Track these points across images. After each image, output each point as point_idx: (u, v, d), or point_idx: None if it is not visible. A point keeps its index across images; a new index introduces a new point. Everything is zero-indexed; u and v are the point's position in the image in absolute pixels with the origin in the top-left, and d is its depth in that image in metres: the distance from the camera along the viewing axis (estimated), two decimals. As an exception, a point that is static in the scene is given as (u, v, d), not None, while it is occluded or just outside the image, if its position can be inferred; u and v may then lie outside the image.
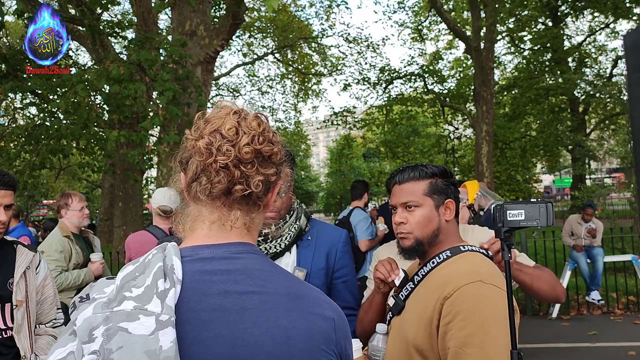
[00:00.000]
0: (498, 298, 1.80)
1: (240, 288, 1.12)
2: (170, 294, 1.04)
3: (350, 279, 2.51)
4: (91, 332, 0.98)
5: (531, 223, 1.83)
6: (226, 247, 1.18)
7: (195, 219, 1.21)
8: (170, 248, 1.14)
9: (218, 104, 1.25)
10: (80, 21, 9.17)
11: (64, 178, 20.25)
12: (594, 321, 8.59)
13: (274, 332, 1.09)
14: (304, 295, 1.18)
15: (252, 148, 1.16)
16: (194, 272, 1.12)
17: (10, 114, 17.80)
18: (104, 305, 1.02)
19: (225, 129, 1.16)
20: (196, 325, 1.07)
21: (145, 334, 0.98)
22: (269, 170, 1.19)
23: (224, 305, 1.09)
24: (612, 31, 23.08)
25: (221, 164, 1.14)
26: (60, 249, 4.55)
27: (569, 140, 20.75)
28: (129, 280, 1.06)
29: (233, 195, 1.17)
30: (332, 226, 2.72)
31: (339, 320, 1.19)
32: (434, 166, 2.10)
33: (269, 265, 1.21)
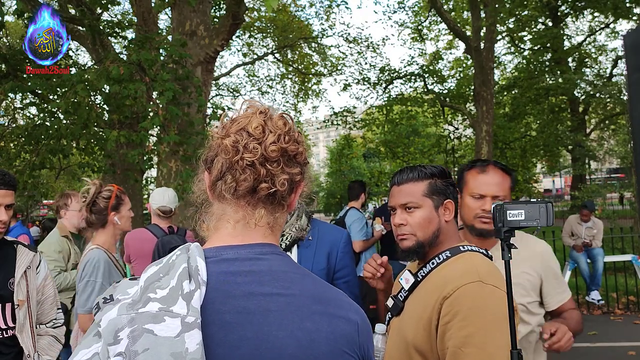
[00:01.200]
0: (498, 298, 1.80)
1: (264, 290, 1.12)
2: (195, 296, 1.04)
3: (352, 279, 2.50)
4: (116, 334, 0.98)
5: (531, 223, 1.83)
6: (250, 247, 1.18)
7: (219, 218, 1.22)
8: (194, 249, 1.13)
9: (244, 104, 1.25)
10: (80, 21, 9.16)
11: (64, 178, 20.24)
12: (594, 321, 8.60)
13: (298, 334, 1.09)
14: (328, 297, 1.18)
15: (279, 146, 1.16)
16: (218, 273, 1.12)
17: (10, 114, 17.79)
18: (129, 307, 1.02)
19: (252, 127, 1.17)
20: (221, 327, 1.07)
21: (171, 336, 0.98)
22: (294, 169, 1.20)
23: (249, 307, 1.09)
24: (612, 31, 23.07)
25: (248, 162, 1.15)
26: (59, 249, 4.56)
27: (569, 140, 20.73)
28: (153, 282, 1.06)
29: (258, 194, 1.17)
30: (333, 226, 2.71)
31: (362, 323, 1.20)
32: (432, 167, 2.11)
33: (293, 266, 1.21)
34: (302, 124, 27.50)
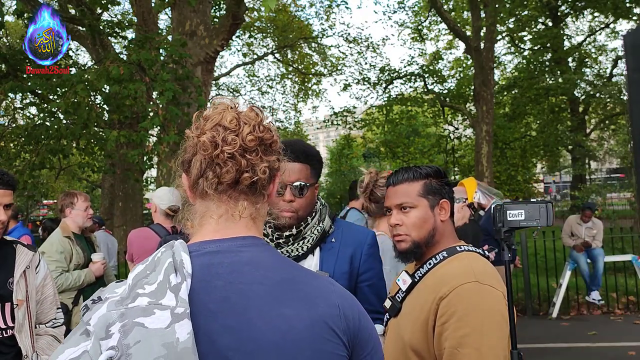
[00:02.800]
0: (494, 299, 1.80)
1: (245, 279, 1.14)
2: (182, 288, 1.07)
3: (377, 281, 2.42)
4: (108, 329, 1.01)
5: (531, 223, 1.83)
6: (232, 241, 1.20)
7: (203, 215, 1.24)
8: (178, 245, 1.16)
9: (215, 102, 1.28)
10: (80, 21, 9.17)
11: (64, 178, 20.23)
12: (594, 321, 8.61)
13: (277, 321, 1.11)
14: (309, 284, 1.19)
15: (255, 136, 1.19)
16: (201, 265, 1.14)
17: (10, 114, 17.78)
18: (118, 303, 1.04)
19: (227, 121, 1.19)
20: (206, 317, 1.09)
21: (161, 327, 1.00)
22: (272, 157, 1.23)
23: (230, 296, 1.12)
24: (612, 31, 23.04)
25: (228, 154, 1.17)
26: (61, 250, 4.53)
27: (569, 140, 20.73)
28: (141, 279, 1.09)
29: (240, 185, 1.19)
30: (359, 227, 2.64)
31: (346, 307, 1.20)
32: (427, 167, 2.11)
33: (275, 256, 1.23)
34: (302, 124, 27.49)
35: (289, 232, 2.35)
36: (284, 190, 2.30)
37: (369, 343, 1.23)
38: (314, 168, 2.38)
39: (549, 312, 9.09)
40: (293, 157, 2.32)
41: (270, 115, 24.53)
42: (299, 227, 2.35)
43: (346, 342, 1.17)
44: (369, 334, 1.23)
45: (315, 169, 2.38)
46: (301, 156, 2.32)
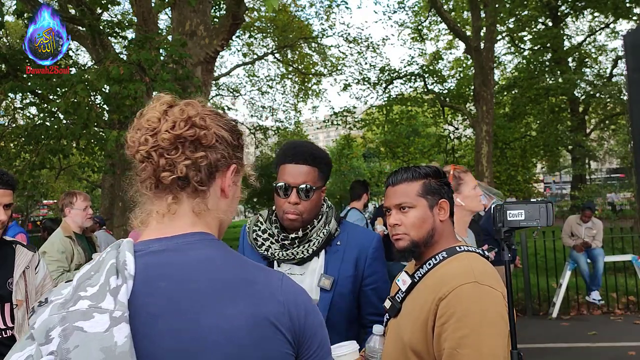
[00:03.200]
0: (493, 299, 1.80)
1: (189, 278, 1.13)
2: (122, 290, 1.06)
3: (381, 285, 2.41)
4: (48, 333, 1.00)
5: (531, 223, 1.83)
6: (178, 238, 1.19)
7: (146, 213, 1.23)
8: (125, 244, 1.16)
9: (154, 97, 1.27)
10: (80, 21, 9.16)
11: (63, 178, 20.23)
12: (594, 321, 8.61)
13: (219, 321, 1.10)
14: (255, 281, 1.17)
15: (172, 134, 1.17)
16: (145, 266, 1.13)
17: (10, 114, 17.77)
18: (60, 306, 1.04)
19: (145, 119, 1.20)
20: (147, 319, 1.08)
21: (100, 331, 1.00)
22: (198, 154, 1.19)
23: (174, 297, 1.11)
24: (612, 31, 23.06)
25: (143, 154, 1.17)
26: (62, 250, 4.53)
27: (569, 140, 20.74)
28: (84, 280, 1.09)
29: (166, 183, 1.18)
30: (364, 230, 2.63)
31: (291, 305, 1.18)
32: (426, 167, 2.11)
33: (222, 252, 1.21)
34: (302, 124, 27.49)
35: (294, 235, 2.34)
36: (290, 192, 2.30)
37: (316, 340, 1.21)
38: (322, 171, 2.36)
39: (549, 312, 9.10)
40: (301, 159, 2.32)
41: (271, 115, 24.60)
42: (305, 229, 2.35)
43: (291, 340, 1.16)
44: (316, 330, 1.22)
45: (322, 172, 2.37)
46: (309, 159, 2.31)
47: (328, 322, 2.23)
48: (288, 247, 2.35)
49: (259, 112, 25.23)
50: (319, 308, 2.25)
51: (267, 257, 2.37)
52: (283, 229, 2.39)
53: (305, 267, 2.34)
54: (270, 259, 2.37)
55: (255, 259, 2.40)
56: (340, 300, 2.30)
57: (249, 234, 2.46)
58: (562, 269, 9.47)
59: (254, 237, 2.43)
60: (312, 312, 1.23)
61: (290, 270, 2.35)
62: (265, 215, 2.49)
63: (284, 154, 2.37)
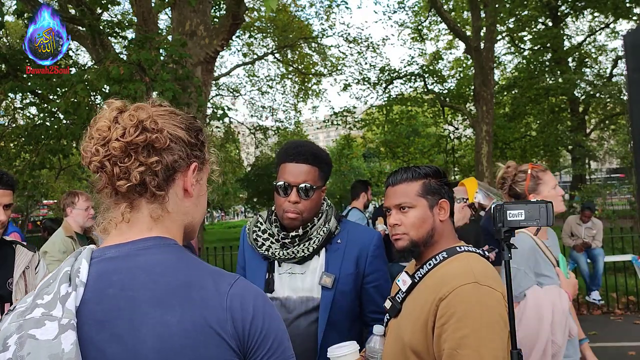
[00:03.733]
0: (493, 300, 1.79)
1: (135, 285, 1.13)
2: (70, 298, 1.08)
3: (382, 283, 2.42)
4: (5, 341, 1.02)
5: (531, 223, 1.83)
6: (132, 244, 1.19)
7: (107, 220, 1.23)
8: (84, 252, 1.17)
9: (106, 103, 1.26)
10: (80, 21, 9.15)
11: (63, 178, 20.21)
12: (594, 321, 8.60)
13: (158, 329, 1.09)
14: (201, 286, 1.15)
15: (122, 143, 1.16)
16: (97, 273, 1.14)
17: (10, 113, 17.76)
18: (19, 315, 1.06)
19: (95, 129, 1.19)
20: (94, 326, 1.09)
21: (49, 339, 1.02)
22: (152, 159, 1.18)
23: (119, 304, 1.11)
24: (612, 31, 23.03)
25: (96, 165, 1.17)
26: (64, 250, 4.53)
27: (569, 140, 20.71)
28: (43, 288, 1.11)
29: (123, 191, 1.18)
30: (365, 228, 2.63)
31: (236, 310, 1.15)
32: (427, 167, 2.10)
33: (173, 257, 1.20)
34: (302, 124, 27.48)
35: (295, 233, 2.35)
36: (290, 191, 2.30)
37: (265, 345, 1.17)
38: (322, 171, 2.37)
39: (549, 312, 9.09)
40: (301, 158, 2.32)
41: (271, 115, 24.60)
42: (305, 227, 2.35)
43: (235, 347, 1.14)
44: (265, 335, 1.17)
45: (323, 172, 2.38)
46: (309, 158, 2.32)
47: (330, 321, 2.26)
48: (288, 245, 2.35)
49: (259, 112, 25.23)
50: (321, 306, 2.27)
51: (268, 257, 2.38)
52: (283, 228, 2.39)
53: (306, 266, 2.35)
54: (271, 259, 2.38)
55: (256, 259, 2.41)
56: (341, 298, 2.31)
57: (249, 234, 2.47)
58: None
59: (254, 238, 2.43)
60: (261, 316, 1.18)
61: (291, 269, 2.35)
62: (265, 216, 2.50)
63: (285, 153, 2.38)
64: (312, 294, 2.31)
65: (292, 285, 2.32)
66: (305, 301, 2.29)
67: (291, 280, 2.34)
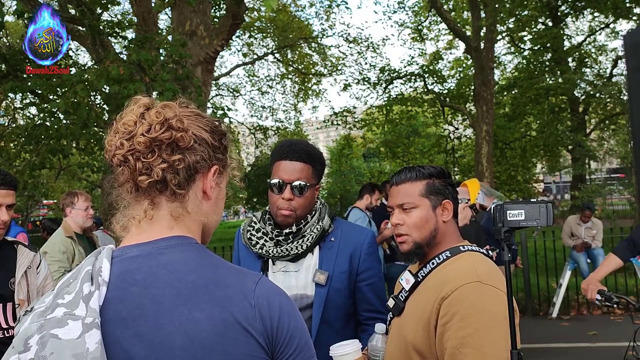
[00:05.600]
0: (496, 299, 1.79)
1: (159, 283, 1.13)
2: (94, 297, 1.08)
3: (376, 281, 2.44)
4: (26, 342, 1.02)
5: (531, 223, 1.82)
6: (154, 243, 1.19)
7: (127, 217, 1.23)
8: (105, 251, 1.17)
9: (131, 100, 1.26)
10: (80, 21, 9.16)
11: (63, 178, 20.22)
12: (594, 321, 8.60)
13: (186, 326, 1.10)
14: (228, 285, 1.16)
15: (147, 138, 1.16)
16: (120, 272, 1.14)
17: (10, 113, 17.78)
18: (40, 315, 1.06)
19: (121, 123, 1.19)
20: (118, 325, 1.09)
21: (73, 338, 1.01)
22: (174, 156, 1.18)
23: (143, 303, 1.11)
24: (612, 31, 23.02)
25: (120, 158, 1.17)
26: (63, 250, 4.53)
27: (569, 140, 20.70)
28: (63, 288, 1.11)
29: (144, 187, 1.18)
30: (358, 227, 2.65)
31: (263, 308, 1.16)
32: (431, 167, 2.09)
33: (197, 255, 1.20)
34: (302, 124, 27.48)
35: (288, 230, 2.36)
36: (284, 188, 2.32)
37: (292, 343, 1.19)
38: (316, 169, 2.39)
39: (549, 312, 9.10)
40: (295, 156, 2.34)
41: (271, 115, 24.60)
42: (299, 224, 2.36)
43: (263, 344, 1.14)
44: (292, 334, 1.19)
45: (317, 170, 2.40)
46: (303, 156, 2.34)
47: (324, 318, 2.27)
48: (282, 243, 2.37)
49: (259, 112, 25.28)
50: (315, 304, 2.28)
51: (262, 256, 2.40)
52: (277, 226, 2.41)
53: (300, 264, 2.37)
54: (265, 257, 2.40)
55: (250, 258, 2.43)
56: (335, 295, 2.32)
57: (243, 234, 2.49)
58: (562, 269, 9.47)
59: (248, 237, 2.46)
60: (287, 315, 1.20)
61: (285, 267, 2.37)
62: (259, 216, 2.52)
63: (279, 151, 2.40)
64: (306, 292, 2.33)
65: (286, 283, 2.33)
66: (299, 299, 2.30)
67: (285, 278, 2.36)
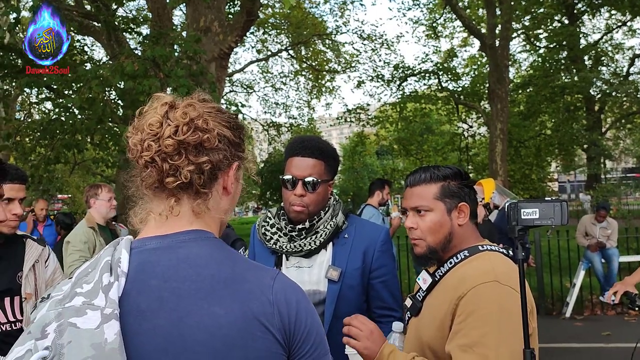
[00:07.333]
0: (513, 299, 1.75)
1: (178, 277, 1.13)
2: (113, 287, 1.08)
3: (390, 278, 2.42)
4: (44, 329, 1.02)
5: (545, 222, 1.79)
6: (173, 236, 1.19)
7: (146, 211, 1.24)
8: (124, 242, 1.17)
9: (154, 97, 1.26)
10: (96, 17, 9.21)
11: (78, 173, 20.37)
12: (608, 322, 8.53)
13: (206, 320, 1.10)
14: (245, 280, 1.16)
15: (175, 140, 1.16)
16: (138, 263, 1.14)
17: (26, 108, 17.93)
18: (58, 303, 1.06)
19: (148, 123, 1.18)
20: (137, 317, 1.09)
21: (91, 328, 1.02)
22: (201, 158, 1.18)
23: (163, 295, 1.11)
24: (629, 29, 22.81)
25: (147, 159, 1.17)
26: (85, 240, 4.64)
27: (584, 139, 20.58)
28: (82, 277, 1.11)
29: (169, 187, 1.18)
30: (372, 224, 2.63)
31: (281, 304, 1.16)
32: (447, 167, 2.03)
33: (216, 250, 1.20)
34: (315, 120, 27.48)
35: (301, 226, 2.36)
36: (296, 184, 2.32)
37: (309, 340, 1.18)
38: (329, 165, 2.38)
39: (563, 311, 9.03)
40: (307, 152, 2.34)
41: (284, 111, 24.62)
42: (312, 220, 2.36)
43: (281, 340, 1.14)
44: (309, 330, 1.19)
45: (329, 166, 2.39)
46: (316, 152, 2.34)
47: (336, 314, 2.26)
48: (295, 238, 2.37)
49: (273, 108, 25.28)
50: (327, 300, 2.28)
51: (276, 251, 2.40)
52: (290, 222, 2.41)
53: (314, 260, 2.36)
54: (279, 252, 2.40)
55: (265, 253, 2.44)
56: (348, 292, 2.31)
57: (259, 230, 2.50)
58: (576, 268, 9.39)
59: (263, 232, 2.47)
60: (304, 311, 1.20)
61: (298, 262, 2.38)
62: (274, 212, 2.53)
63: (292, 148, 2.41)
64: (319, 287, 2.32)
65: (300, 278, 2.33)
66: (312, 294, 2.30)
67: (298, 273, 2.35)
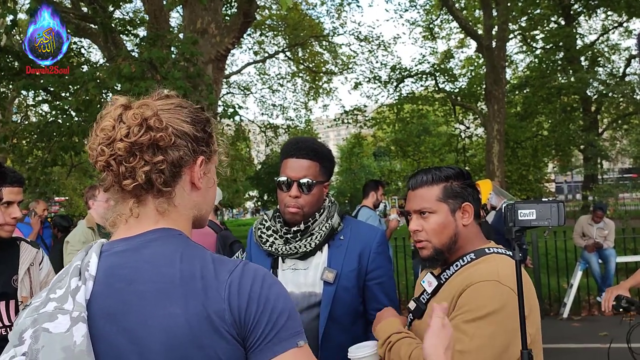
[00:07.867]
0: (510, 300, 1.74)
1: (142, 278, 1.14)
2: (81, 291, 1.10)
3: (386, 280, 2.41)
4: (21, 335, 1.06)
5: (542, 223, 1.80)
6: (139, 237, 1.20)
7: (115, 214, 1.25)
8: (95, 246, 1.19)
9: (112, 99, 1.25)
10: (92, 19, 9.20)
11: (75, 175, 20.33)
12: (605, 322, 8.54)
13: (164, 321, 1.10)
14: (203, 277, 1.15)
15: (126, 143, 1.15)
16: (108, 267, 1.16)
17: (23, 111, 17.90)
18: (34, 309, 1.10)
19: (100, 127, 1.19)
20: (103, 319, 1.11)
21: (62, 332, 1.05)
22: (157, 157, 1.17)
23: (127, 298, 1.12)
24: (625, 30, 22.85)
25: (102, 164, 1.17)
26: (83, 240, 4.67)
27: (581, 140, 20.59)
28: (56, 283, 1.14)
29: (127, 189, 1.18)
30: (368, 225, 2.63)
31: (232, 297, 1.13)
32: (448, 168, 2.03)
33: (178, 248, 1.19)
34: (312, 122, 27.48)
35: (296, 228, 2.36)
36: (291, 186, 2.32)
37: (262, 321, 1.13)
38: (324, 166, 2.38)
39: (560, 312, 9.04)
40: (302, 154, 2.34)
41: (282, 113, 24.62)
42: (307, 222, 2.36)
43: (236, 335, 1.13)
44: (261, 312, 1.14)
45: (325, 167, 2.39)
46: (310, 153, 2.34)
47: (332, 316, 2.26)
48: (291, 241, 2.37)
49: (270, 110, 25.28)
50: (323, 302, 2.28)
51: (272, 253, 2.41)
52: (286, 224, 2.41)
53: (309, 262, 2.36)
54: (275, 255, 2.40)
55: (261, 256, 2.45)
56: (344, 293, 2.31)
57: (255, 232, 2.50)
58: (573, 269, 9.40)
59: (259, 235, 2.47)
60: (255, 301, 1.14)
61: (294, 265, 2.38)
62: (270, 215, 2.53)
63: (286, 149, 2.41)
64: (314, 289, 2.32)
65: (295, 280, 2.34)
66: (307, 296, 2.31)
67: (294, 276, 2.36)
